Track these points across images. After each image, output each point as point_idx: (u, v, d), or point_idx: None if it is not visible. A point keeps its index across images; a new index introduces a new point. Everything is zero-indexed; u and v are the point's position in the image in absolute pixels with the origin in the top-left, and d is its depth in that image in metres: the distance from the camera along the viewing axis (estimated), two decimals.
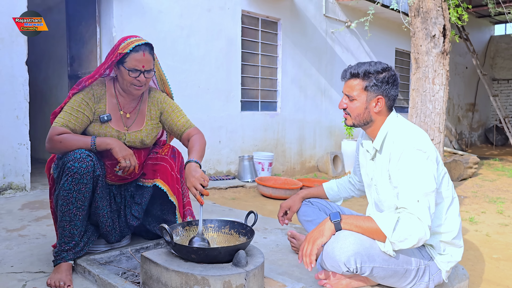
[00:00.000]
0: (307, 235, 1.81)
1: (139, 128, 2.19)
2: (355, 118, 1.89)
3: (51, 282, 1.84)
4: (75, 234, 1.97)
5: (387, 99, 1.86)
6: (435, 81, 4.49)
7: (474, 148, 12.48)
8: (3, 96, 3.94)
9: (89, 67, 5.15)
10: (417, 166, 1.71)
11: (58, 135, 1.97)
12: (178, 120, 2.25)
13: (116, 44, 2.05)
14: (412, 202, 1.69)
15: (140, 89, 2.09)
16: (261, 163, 5.90)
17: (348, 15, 7.87)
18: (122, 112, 2.16)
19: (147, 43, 2.06)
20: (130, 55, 2.01)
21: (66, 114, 2.02)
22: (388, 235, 1.67)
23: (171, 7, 5.18)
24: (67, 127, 2.00)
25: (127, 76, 2.03)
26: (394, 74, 1.86)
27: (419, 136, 1.78)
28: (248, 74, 6.33)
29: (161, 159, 2.22)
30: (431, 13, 4.44)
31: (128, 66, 2.02)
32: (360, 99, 1.86)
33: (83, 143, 1.97)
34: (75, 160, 1.90)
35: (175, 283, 1.57)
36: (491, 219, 4.25)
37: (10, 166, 3.99)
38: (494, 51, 13.89)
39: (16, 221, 2.99)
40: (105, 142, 1.99)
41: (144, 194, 2.25)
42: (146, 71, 2.05)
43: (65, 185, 1.91)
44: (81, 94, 2.07)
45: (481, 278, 2.68)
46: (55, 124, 2.00)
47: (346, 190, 2.33)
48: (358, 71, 1.84)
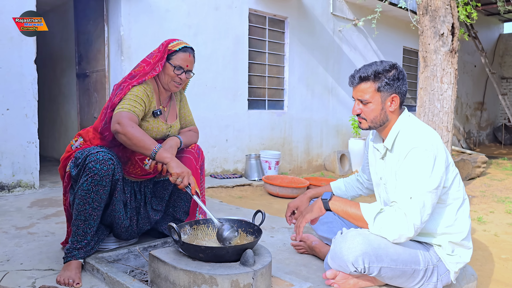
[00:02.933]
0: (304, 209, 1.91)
1: (175, 120, 2.34)
2: (372, 121, 1.87)
3: (60, 279, 1.85)
4: (88, 233, 1.99)
5: (400, 96, 1.85)
6: (443, 79, 4.47)
7: (483, 147, 12.38)
8: (12, 94, 3.97)
9: (97, 65, 5.18)
10: (419, 165, 1.71)
11: (129, 119, 1.93)
12: (187, 116, 2.45)
13: (165, 44, 2.18)
14: (404, 197, 1.71)
15: (179, 87, 2.24)
16: (268, 161, 5.90)
17: (356, 13, 7.83)
18: (162, 107, 2.27)
19: (192, 47, 2.23)
20: (177, 53, 2.16)
21: (132, 101, 2.03)
22: (369, 223, 1.74)
23: (178, 5, 5.19)
24: (133, 113, 2.00)
25: (171, 72, 2.16)
26: (401, 69, 1.86)
27: (428, 136, 1.77)
28: (255, 72, 6.33)
29: (186, 151, 2.31)
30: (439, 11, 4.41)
31: (174, 63, 2.16)
32: (375, 101, 1.84)
33: (144, 146, 1.90)
34: (97, 161, 1.91)
35: (183, 281, 1.58)
36: (500, 219, 4.22)
37: (19, 164, 4.03)
38: (503, 49, 13.76)
39: (25, 218, 3.02)
40: (163, 156, 1.91)
41: (166, 186, 2.32)
42: (188, 71, 2.21)
43: (84, 185, 1.92)
44: (142, 87, 2.12)
45: (489, 278, 2.66)
46: (121, 110, 1.97)
47: (353, 188, 2.32)
48: (367, 74, 1.82)
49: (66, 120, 6.29)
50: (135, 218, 2.22)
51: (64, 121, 6.35)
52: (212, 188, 4.95)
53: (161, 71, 2.18)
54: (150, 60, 2.15)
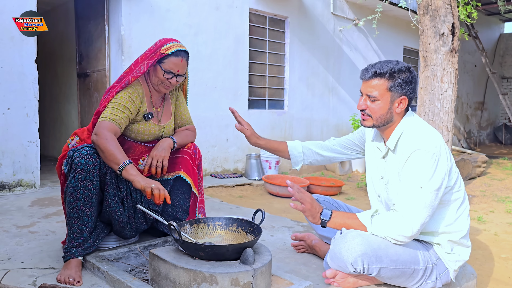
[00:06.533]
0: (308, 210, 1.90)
1: (169, 120, 2.33)
2: (377, 119, 1.83)
3: (61, 278, 1.86)
4: (83, 230, 1.99)
5: (409, 99, 1.83)
6: (444, 79, 4.47)
7: (483, 147, 12.37)
8: (13, 94, 3.98)
9: (98, 65, 5.19)
10: (421, 167, 1.70)
11: (107, 130, 1.96)
12: (183, 115, 2.43)
13: (158, 45, 2.14)
14: (404, 199, 1.71)
15: (168, 89, 2.22)
16: (268, 161, 5.90)
17: (356, 13, 7.83)
18: (154, 108, 2.26)
19: (186, 50, 2.19)
20: (169, 57, 2.13)
21: (113, 110, 2.06)
22: (367, 225, 1.77)
23: (179, 5, 5.20)
24: (114, 122, 2.03)
25: (161, 75, 2.14)
26: (415, 74, 1.83)
27: (431, 138, 1.76)
28: (255, 72, 6.33)
29: (182, 151, 2.31)
30: (440, 11, 4.42)
31: (165, 67, 2.13)
32: (383, 100, 1.80)
33: (114, 161, 1.90)
34: (82, 156, 1.94)
35: (183, 280, 1.59)
36: (500, 219, 4.22)
37: (20, 163, 4.03)
38: (504, 49, 13.74)
39: (26, 217, 3.03)
40: (128, 173, 1.90)
41: (165, 186, 2.30)
42: (179, 75, 2.17)
43: (72, 181, 1.94)
44: (128, 92, 2.12)
45: (489, 277, 2.67)
46: (102, 119, 2.02)
47: (312, 154, 2.23)
48: (383, 71, 1.77)
49: (66, 120, 6.30)
50: (132, 216, 2.22)
51: (64, 120, 6.36)
52: (213, 188, 4.96)
53: (152, 73, 2.18)
54: (139, 59, 2.17)
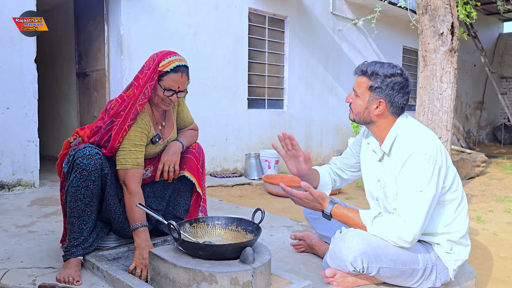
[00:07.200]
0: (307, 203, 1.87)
1: (172, 131, 2.28)
2: (356, 115, 1.88)
3: (60, 277, 1.86)
4: (84, 230, 1.99)
5: (390, 105, 1.80)
6: (443, 79, 4.47)
7: (482, 146, 12.38)
8: (13, 93, 3.98)
9: (97, 65, 5.19)
10: (419, 170, 1.70)
11: (134, 182, 2.02)
12: (186, 117, 2.40)
13: (156, 60, 2.03)
14: (403, 204, 1.71)
15: (169, 106, 2.14)
16: (267, 161, 5.90)
17: (355, 13, 7.83)
18: (158, 127, 2.21)
19: (185, 65, 2.08)
20: (168, 74, 2.02)
21: (133, 153, 2.04)
22: (367, 226, 1.77)
23: (178, 5, 5.20)
24: (138, 166, 2.05)
25: (161, 93, 2.05)
26: (403, 81, 1.79)
27: (427, 141, 1.75)
28: (255, 72, 6.33)
29: (187, 151, 2.30)
30: (439, 10, 4.42)
31: (164, 85, 2.04)
32: (363, 98, 1.83)
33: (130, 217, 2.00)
34: (84, 156, 1.93)
35: (183, 279, 1.59)
36: (499, 218, 4.23)
37: (19, 163, 4.03)
38: (503, 49, 13.75)
39: (26, 217, 3.02)
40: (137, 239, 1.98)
41: (166, 186, 2.31)
42: (180, 91, 2.08)
43: (73, 181, 1.94)
44: (139, 127, 2.07)
45: (488, 276, 2.67)
46: (127, 166, 2.02)
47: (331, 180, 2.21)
48: (367, 69, 1.81)
49: (66, 119, 6.30)
50: None
51: (64, 120, 6.36)
52: (212, 187, 4.96)
53: (151, 91, 2.08)
54: (140, 81, 2.05)
